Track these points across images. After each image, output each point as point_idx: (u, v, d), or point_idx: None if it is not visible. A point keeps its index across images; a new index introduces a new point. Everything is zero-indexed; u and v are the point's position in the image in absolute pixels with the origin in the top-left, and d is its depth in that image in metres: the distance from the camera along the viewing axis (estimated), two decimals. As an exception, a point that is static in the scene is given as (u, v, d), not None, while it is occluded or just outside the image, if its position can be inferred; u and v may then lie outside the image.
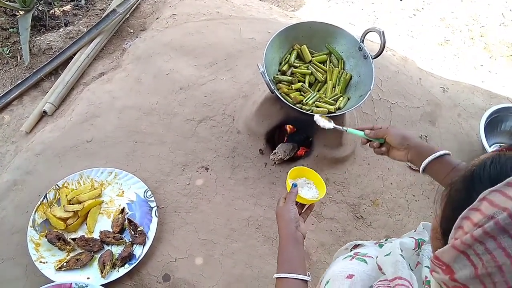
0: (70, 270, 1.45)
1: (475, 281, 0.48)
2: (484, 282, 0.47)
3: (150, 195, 1.63)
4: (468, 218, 0.49)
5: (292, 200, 1.04)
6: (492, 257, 0.46)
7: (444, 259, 0.52)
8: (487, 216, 0.47)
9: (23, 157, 1.76)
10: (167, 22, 2.34)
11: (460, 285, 0.50)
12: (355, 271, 0.79)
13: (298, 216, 1.02)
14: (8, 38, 2.39)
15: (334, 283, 0.78)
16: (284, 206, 1.04)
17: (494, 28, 2.80)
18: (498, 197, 0.47)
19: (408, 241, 0.82)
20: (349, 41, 1.72)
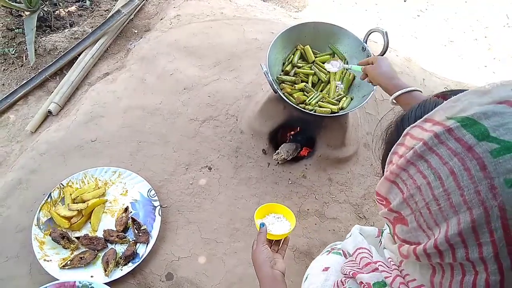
0: (74, 268, 1.45)
1: (403, 205, 0.56)
2: (409, 204, 0.55)
3: (154, 194, 1.64)
4: (396, 152, 0.58)
5: (262, 241, 1.04)
6: (413, 181, 0.54)
7: (381, 193, 0.60)
8: (408, 148, 0.55)
9: (28, 156, 1.77)
10: (171, 23, 2.35)
11: (395, 213, 0.58)
12: (330, 263, 0.83)
13: (272, 255, 1.03)
14: (13, 39, 2.41)
15: (312, 276, 0.83)
16: (255, 249, 1.04)
17: (498, 29, 2.80)
18: (417, 131, 0.56)
19: (370, 229, 0.88)
20: (353, 42, 1.72)
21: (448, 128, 0.52)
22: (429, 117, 0.56)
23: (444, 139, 0.52)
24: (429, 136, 0.53)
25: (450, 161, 0.51)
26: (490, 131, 0.50)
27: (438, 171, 0.52)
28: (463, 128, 0.51)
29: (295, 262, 1.58)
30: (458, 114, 0.53)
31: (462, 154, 0.50)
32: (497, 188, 0.48)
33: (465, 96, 0.54)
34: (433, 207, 0.52)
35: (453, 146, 0.51)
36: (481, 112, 0.51)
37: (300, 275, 1.54)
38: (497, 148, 0.48)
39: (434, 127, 0.54)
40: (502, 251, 0.48)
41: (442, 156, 0.52)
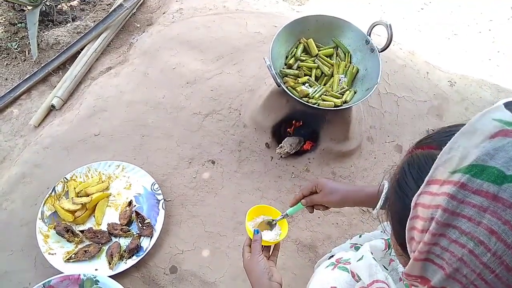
0: (78, 261, 1.46)
1: (448, 281, 0.49)
2: (457, 279, 0.48)
3: (157, 188, 1.64)
4: (414, 227, 0.52)
5: (258, 250, 0.99)
6: (451, 253, 0.48)
7: (414, 273, 0.53)
8: (427, 220, 0.49)
9: (31, 150, 1.78)
10: (174, 17, 2.35)
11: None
12: (337, 282, 0.79)
13: (268, 265, 0.97)
14: (16, 33, 2.41)
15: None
16: (251, 258, 0.99)
17: (502, 22, 2.78)
18: (427, 198, 0.50)
19: (378, 243, 0.82)
20: (356, 35, 1.71)
21: (460, 183, 0.47)
22: (431, 178, 0.51)
23: (462, 197, 0.47)
24: (445, 200, 0.48)
25: (483, 219, 0.46)
26: (505, 170, 0.45)
27: (476, 235, 0.46)
28: (475, 178, 0.46)
29: (299, 255, 1.59)
30: (461, 164, 0.48)
31: (492, 206, 0.45)
32: None
33: (456, 143, 0.50)
34: (487, 277, 0.46)
35: (476, 201, 0.46)
36: (483, 154, 0.47)
37: (303, 268, 1.55)
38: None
39: (443, 187, 0.49)
40: None
41: (471, 216, 0.46)
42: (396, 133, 1.94)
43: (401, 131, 1.95)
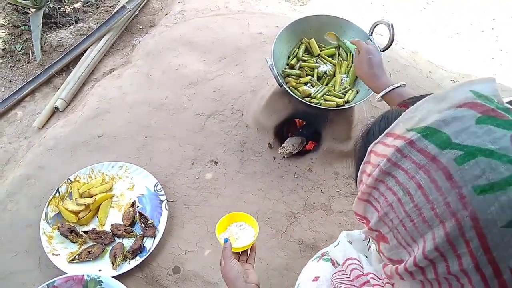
0: (82, 262, 1.47)
1: (380, 223, 0.55)
2: (386, 222, 0.54)
3: (160, 189, 1.64)
4: (364, 171, 0.57)
5: (228, 257, 1.03)
6: (385, 199, 0.54)
7: (360, 212, 0.60)
8: (375, 165, 0.55)
9: (35, 152, 1.79)
10: (176, 18, 2.35)
11: (375, 231, 0.57)
12: (320, 272, 0.81)
13: (242, 269, 1.01)
14: (20, 36, 2.43)
15: (302, 286, 0.81)
16: (224, 266, 1.02)
17: (505, 21, 2.77)
18: (380, 147, 0.55)
19: (356, 233, 0.85)
20: (358, 34, 1.71)
21: (409, 140, 0.51)
22: (390, 131, 0.54)
23: (407, 152, 0.51)
24: (391, 152, 0.52)
25: (416, 175, 0.50)
26: (452, 138, 0.49)
27: (406, 186, 0.51)
28: (424, 138, 0.50)
29: (302, 255, 1.59)
30: (418, 124, 0.52)
31: (427, 165, 0.49)
32: (466, 197, 0.47)
33: (422, 105, 0.53)
34: (407, 224, 0.52)
35: (416, 158, 0.50)
36: (440, 119, 0.50)
37: (307, 268, 1.55)
38: (461, 154, 0.48)
39: (395, 141, 0.53)
40: (482, 260, 0.47)
41: (408, 170, 0.51)
42: (398, 133, 1.93)
43: (404, 131, 1.94)
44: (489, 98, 0.53)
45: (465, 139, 0.48)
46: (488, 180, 0.46)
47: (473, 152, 0.47)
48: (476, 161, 0.47)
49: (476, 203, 0.46)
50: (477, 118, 0.50)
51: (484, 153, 0.47)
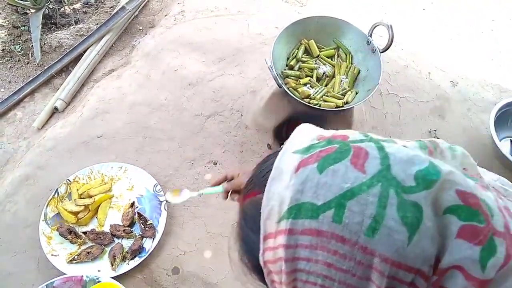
0: (81, 262, 1.47)
1: None
2: None
3: (160, 190, 1.64)
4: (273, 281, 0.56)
5: None
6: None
7: None
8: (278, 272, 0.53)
9: (35, 152, 1.79)
10: (176, 19, 2.36)
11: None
12: None
13: None
14: (19, 36, 2.42)
15: None
16: None
17: (504, 22, 2.77)
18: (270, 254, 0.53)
19: None
20: (357, 35, 1.72)
21: (287, 230, 0.49)
22: (265, 234, 0.53)
23: (294, 242, 0.49)
24: (282, 252, 0.50)
25: (318, 257, 0.49)
26: (315, 201, 0.48)
27: (319, 272, 0.49)
28: (296, 219, 0.49)
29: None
30: (281, 211, 0.50)
31: (319, 242, 0.48)
32: (367, 246, 0.46)
33: (270, 192, 0.52)
34: None
35: (306, 242, 0.49)
36: (294, 193, 0.49)
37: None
38: (334, 213, 0.47)
39: (278, 240, 0.51)
40: (420, 278, 0.47)
41: (308, 257, 0.49)
42: (398, 134, 1.94)
43: (403, 132, 1.95)
44: (310, 146, 0.54)
45: (324, 194, 0.48)
46: (370, 218, 0.46)
47: (340, 202, 0.47)
48: (348, 209, 0.46)
49: (378, 245, 0.46)
50: (317, 168, 0.50)
51: (347, 196, 0.47)
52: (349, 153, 0.50)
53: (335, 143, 0.53)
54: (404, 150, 0.52)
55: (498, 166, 1.83)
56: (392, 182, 0.48)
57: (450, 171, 0.50)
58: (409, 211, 0.47)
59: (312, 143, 0.55)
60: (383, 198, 0.47)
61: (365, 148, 0.51)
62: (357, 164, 0.49)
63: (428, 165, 0.50)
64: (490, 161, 1.84)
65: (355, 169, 0.48)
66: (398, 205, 0.47)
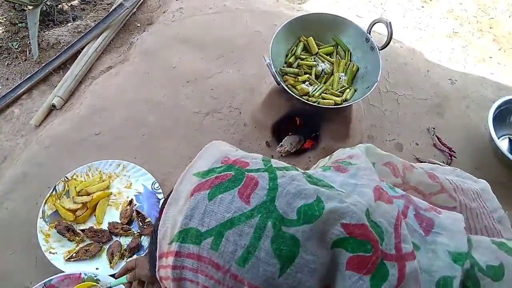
0: (79, 260, 1.46)
1: None
2: None
3: (158, 187, 1.64)
4: None
5: None
6: None
7: None
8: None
9: (32, 150, 1.78)
10: (174, 16, 2.35)
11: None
12: None
13: None
14: (17, 33, 2.41)
15: None
16: None
17: (503, 19, 2.77)
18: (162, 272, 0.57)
19: None
20: (356, 33, 1.71)
21: (175, 252, 0.52)
22: (160, 253, 0.55)
23: (180, 263, 0.52)
24: (170, 271, 0.53)
25: (199, 279, 0.51)
26: (200, 228, 0.50)
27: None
28: (184, 243, 0.51)
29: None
30: (173, 234, 0.53)
31: (200, 266, 0.50)
32: (237, 274, 0.48)
33: (166, 214, 0.55)
34: None
35: (189, 265, 0.51)
36: (184, 217, 0.52)
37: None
38: (213, 240, 0.49)
39: (168, 260, 0.53)
40: None
41: (192, 278, 0.52)
42: (396, 132, 1.94)
43: (402, 130, 1.95)
44: (209, 170, 0.56)
45: (209, 222, 0.50)
46: (243, 248, 0.48)
47: (220, 231, 0.49)
48: (225, 238, 0.49)
49: (247, 275, 0.48)
50: (208, 195, 0.52)
51: (226, 226, 0.49)
52: (240, 183, 0.52)
53: (232, 170, 0.55)
54: (296, 182, 0.53)
55: (497, 163, 1.83)
56: (273, 214, 0.49)
57: (335, 206, 0.51)
58: (284, 244, 0.48)
59: (213, 166, 0.57)
60: (259, 230, 0.48)
61: (256, 178, 0.53)
62: (243, 195, 0.51)
63: (314, 200, 0.51)
64: (489, 159, 1.85)
65: (240, 199, 0.50)
66: (273, 237, 0.48)
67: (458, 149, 1.87)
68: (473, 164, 1.84)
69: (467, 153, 1.88)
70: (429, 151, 1.88)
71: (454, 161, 1.83)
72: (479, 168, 1.83)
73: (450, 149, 1.86)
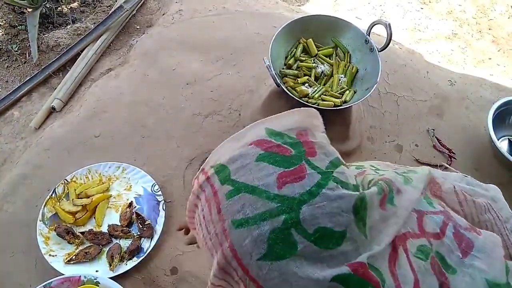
0: (79, 263, 1.46)
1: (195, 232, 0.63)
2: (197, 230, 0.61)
3: (158, 189, 1.64)
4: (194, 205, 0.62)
5: None
6: (195, 223, 0.61)
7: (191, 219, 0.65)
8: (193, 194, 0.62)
9: (32, 152, 1.78)
10: (173, 18, 2.35)
11: None
12: None
13: None
14: (16, 36, 2.42)
15: None
16: None
17: (502, 21, 2.78)
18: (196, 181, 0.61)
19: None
20: (355, 34, 1.71)
21: (207, 176, 0.56)
22: (202, 167, 0.60)
23: (204, 186, 0.56)
24: (196, 187, 0.58)
25: (204, 207, 0.54)
26: (232, 174, 0.53)
27: (199, 217, 0.56)
28: (216, 174, 0.54)
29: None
30: (216, 162, 0.56)
31: (211, 199, 0.53)
32: (226, 229, 0.50)
33: (225, 145, 0.59)
34: (204, 247, 0.57)
35: (207, 192, 0.55)
36: (230, 157, 0.55)
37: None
38: (231, 190, 0.51)
39: (201, 176, 0.58)
40: (251, 286, 0.49)
41: (202, 203, 0.55)
42: (396, 133, 1.94)
43: (401, 131, 1.95)
44: (280, 134, 0.57)
45: (241, 175, 0.52)
46: (244, 215, 0.49)
47: (240, 188, 0.51)
48: (239, 196, 0.50)
49: (233, 236, 0.49)
50: (258, 156, 0.53)
51: (248, 189, 0.50)
52: (290, 166, 0.52)
53: (296, 150, 0.55)
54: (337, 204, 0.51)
55: (496, 165, 1.83)
56: (292, 214, 0.49)
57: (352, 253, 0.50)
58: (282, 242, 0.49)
59: (285, 133, 0.58)
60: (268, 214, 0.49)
61: (306, 174, 0.52)
62: (281, 179, 0.51)
63: (340, 232, 0.50)
64: (489, 160, 1.85)
65: (276, 180, 0.51)
66: (276, 229, 0.49)
67: (457, 150, 1.87)
68: (473, 165, 1.84)
69: (466, 154, 1.88)
70: (428, 153, 1.88)
71: (453, 163, 1.83)
72: (479, 169, 1.83)
73: (450, 151, 1.86)
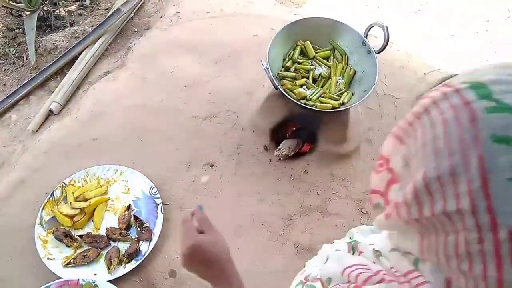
0: (77, 266, 1.46)
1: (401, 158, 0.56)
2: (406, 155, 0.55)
3: (156, 192, 1.64)
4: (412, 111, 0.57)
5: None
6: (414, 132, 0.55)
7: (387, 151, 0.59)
8: (421, 105, 0.55)
9: (30, 155, 1.78)
10: (171, 21, 2.35)
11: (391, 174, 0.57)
12: None
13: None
14: (14, 39, 2.41)
15: None
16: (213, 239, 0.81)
17: (499, 22, 2.78)
18: (431, 93, 0.55)
19: (341, 246, 0.78)
20: (353, 37, 1.72)
21: (457, 88, 0.51)
22: (447, 82, 0.55)
23: (449, 96, 0.52)
24: (437, 94, 0.53)
25: (446, 112, 0.51)
26: (494, 94, 0.49)
27: (434, 120, 0.52)
28: (470, 89, 0.51)
29: (298, 258, 1.58)
30: (472, 80, 0.52)
31: (459, 107, 0.50)
32: (480, 139, 0.47)
33: (487, 66, 0.54)
34: (419, 153, 0.52)
35: (453, 100, 0.51)
36: (494, 78, 0.50)
37: (303, 271, 1.54)
38: (494, 106, 0.48)
39: (446, 89, 0.53)
40: (480, 205, 0.46)
41: (442, 108, 0.52)
42: (394, 135, 1.94)
43: (399, 133, 1.95)
44: None
45: (505, 98, 0.48)
46: (508, 134, 0.47)
47: (506, 108, 0.47)
48: (505, 115, 0.47)
49: (488, 148, 0.46)
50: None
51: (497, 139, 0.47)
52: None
53: None
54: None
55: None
56: None
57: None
58: None
59: None
60: None
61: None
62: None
63: None
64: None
65: None
66: None
67: (455, 151, 1.87)
68: (471, 167, 1.84)
69: (464, 155, 1.88)
70: (426, 154, 1.89)
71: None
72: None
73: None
